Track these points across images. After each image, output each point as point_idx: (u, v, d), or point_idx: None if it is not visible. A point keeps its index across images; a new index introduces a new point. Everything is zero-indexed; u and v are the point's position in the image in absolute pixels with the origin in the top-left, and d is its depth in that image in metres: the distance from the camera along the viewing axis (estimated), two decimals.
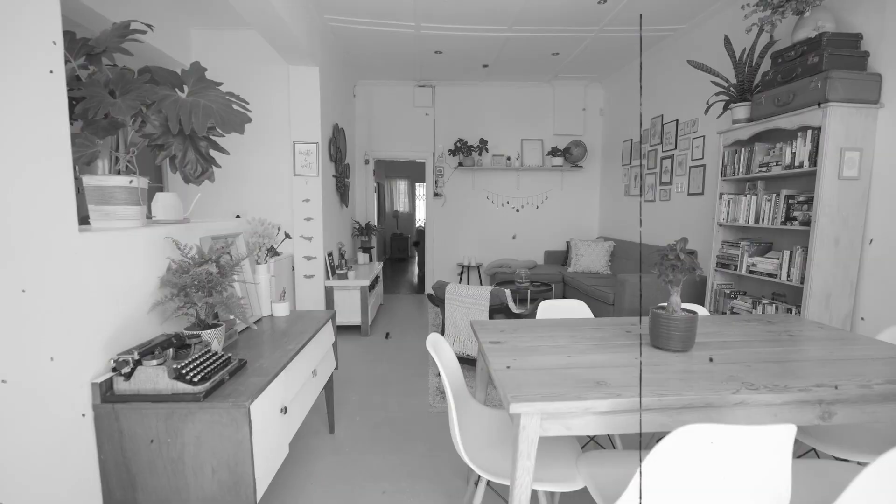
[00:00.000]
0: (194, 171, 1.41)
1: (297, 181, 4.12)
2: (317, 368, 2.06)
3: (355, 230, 6.04)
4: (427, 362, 3.70)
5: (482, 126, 6.54)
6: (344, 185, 5.18)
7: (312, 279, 4.30)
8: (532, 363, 1.41)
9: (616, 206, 6.17)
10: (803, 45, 2.73)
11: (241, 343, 1.82)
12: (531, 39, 4.63)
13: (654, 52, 4.98)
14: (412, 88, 6.40)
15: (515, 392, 1.18)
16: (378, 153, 6.54)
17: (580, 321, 1.95)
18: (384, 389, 3.17)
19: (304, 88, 4.02)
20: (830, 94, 2.53)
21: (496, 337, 1.69)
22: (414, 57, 5.20)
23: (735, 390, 1.20)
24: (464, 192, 6.68)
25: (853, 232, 2.67)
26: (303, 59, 3.81)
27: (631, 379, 1.28)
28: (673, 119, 4.69)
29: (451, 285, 3.04)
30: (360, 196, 6.51)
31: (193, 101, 1.34)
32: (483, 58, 5.23)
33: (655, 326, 1.58)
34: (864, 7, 2.67)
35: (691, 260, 1.48)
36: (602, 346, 1.58)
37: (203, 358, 1.41)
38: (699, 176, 4.26)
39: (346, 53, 5.07)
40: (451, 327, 3.07)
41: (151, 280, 1.51)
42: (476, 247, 6.79)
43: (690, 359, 1.47)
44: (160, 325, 1.53)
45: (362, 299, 4.47)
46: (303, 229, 4.19)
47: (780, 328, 1.86)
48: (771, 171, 3.01)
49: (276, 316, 2.28)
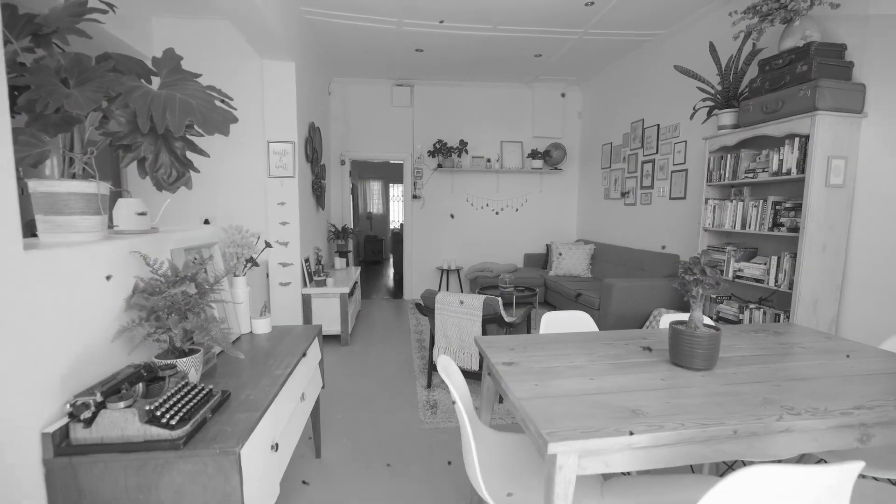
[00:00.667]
0: (168, 176, 1.21)
1: (271, 183, 3.87)
2: (305, 392, 1.88)
3: (331, 234, 5.80)
4: (414, 372, 3.54)
5: (462, 127, 6.43)
6: (320, 187, 4.94)
7: (289, 287, 4.06)
8: (555, 389, 1.29)
9: (595, 209, 6.20)
10: (791, 53, 2.75)
11: (221, 368, 1.61)
12: (515, 40, 4.55)
13: (635, 57, 5.01)
14: (390, 87, 6.21)
15: (549, 427, 1.06)
16: (354, 153, 6.32)
17: (588, 336, 1.86)
18: (370, 405, 2.99)
19: (278, 84, 3.78)
20: (819, 103, 2.55)
21: (507, 357, 1.57)
22: (394, 54, 5.02)
23: (778, 416, 1.12)
24: (443, 195, 6.55)
25: (839, 238, 2.72)
26: (278, 52, 3.58)
27: (666, 406, 1.18)
28: (654, 123, 4.73)
29: (441, 294, 2.90)
30: (335, 198, 6.26)
31: (168, 94, 1.14)
32: (465, 57, 5.11)
33: (677, 343, 1.49)
34: (847, 19, 2.72)
35: (716, 274, 1.41)
36: (622, 367, 1.49)
37: (180, 393, 1.21)
38: (681, 180, 4.29)
39: (321, 48, 4.84)
40: (442, 338, 2.93)
41: (116, 303, 1.30)
42: (456, 250, 6.67)
43: (716, 378, 1.39)
44: (127, 356, 1.32)
45: (342, 307, 4.26)
46: (278, 234, 3.94)
47: (790, 339, 1.82)
48: (758, 178, 3.04)
49: (257, 333, 2.07)
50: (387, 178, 12.14)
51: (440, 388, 3.21)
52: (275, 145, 3.83)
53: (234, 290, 1.98)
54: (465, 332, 2.85)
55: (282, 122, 3.82)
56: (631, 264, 4.88)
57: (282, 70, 3.76)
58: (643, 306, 4.09)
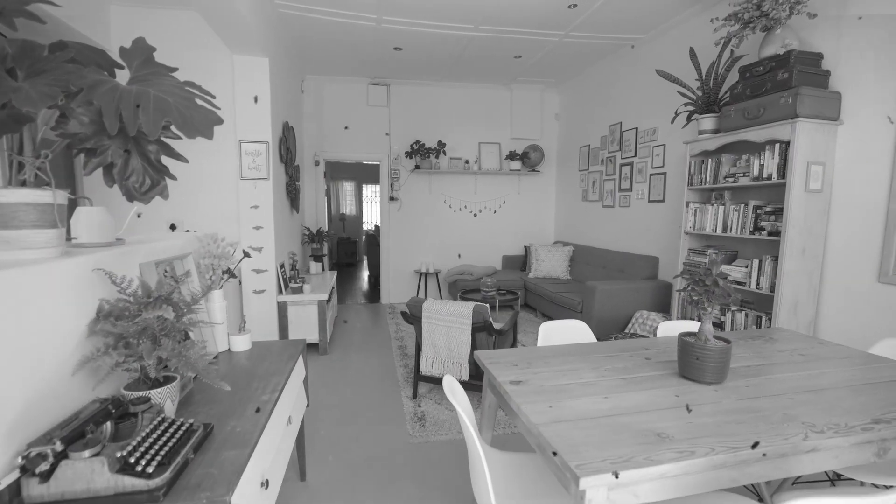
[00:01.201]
0: (141, 185, 1.06)
1: (244, 185, 3.66)
2: (291, 415, 1.73)
3: (305, 237, 5.58)
4: (397, 382, 3.42)
5: (439, 128, 6.34)
6: (295, 189, 4.73)
7: (263, 294, 3.85)
8: (571, 411, 1.22)
9: (573, 211, 6.24)
10: (771, 61, 2.80)
11: (199, 394, 1.46)
12: (496, 40, 4.49)
13: (614, 60, 5.06)
14: (366, 86, 6.04)
15: (576, 458, 0.98)
16: (329, 154, 6.11)
17: (590, 348, 1.80)
18: (354, 418, 2.86)
19: (251, 81, 3.57)
20: (800, 110, 2.61)
21: (513, 374, 1.49)
22: (371, 52, 4.87)
23: (804, 436, 1.09)
24: (421, 196, 6.43)
25: (817, 241, 2.79)
26: (251, 47, 3.37)
27: (689, 427, 1.12)
28: (632, 127, 4.78)
29: (429, 302, 2.80)
30: (309, 200, 6.04)
31: (140, 90, 0.99)
32: (444, 57, 5.02)
33: (686, 356, 1.45)
34: (822, 29, 2.80)
35: (727, 285, 1.37)
36: (633, 382, 1.43)
37: (157, 432, 1.06)
38: (660, 183, 4.35)
39: (295, 44, 4.63)
40: (430, 348, 2.83)
41: (77, 329, 1.13)
42: (434, 253, 6.57)
43: (728, 393, 1.35)
44: (91, 390, 1.15)
45: (320, 315, 4.08)
46: (252, 239, 3.73)
47: (787, 346, 1.83)
48: (738, 182, 3.09)
49: (236, 351, 1.91)
50: (360, 179, 11.90)
51: (427, 398, 3.10)
52: (247, 145, 3.62)
53: (210, 306, 1.81)
54: (453, 342, 2.75)
55: (255, 121, 3.61)
56: (611, 266, 4.92)
57: (255, 66, 3.55)
58: (625, 308, 4.12)
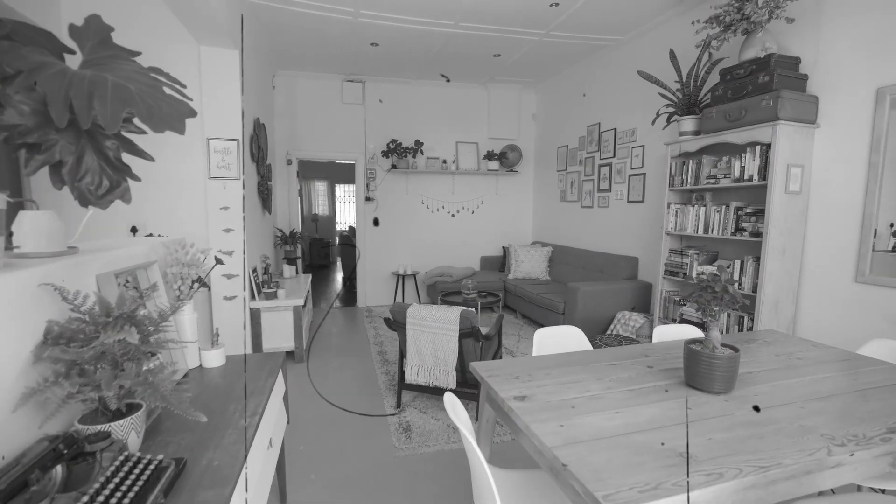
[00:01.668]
0: (97, 187, 0.90)
1: (212, 185, 3.43)
2: (273, 437, 1.59)
3: (278, 239, 5.34)
4: (380, 390, 3.28)
5: (416, 127, 6.21)
6: (267, 189, 4.51)
7: (234, 301, 3.63)
8: (584, 429, 1.14)
9: (551, 211, 6.24)
10: (752, 64, 2.83)
11: (168, 421, 1.29)
12: (475, 38, 4.41)
13: (592, 61, 5.07)
14: (340, 82, 5.85)
15: (602, 488, 0.89)
16: (302, 153, 5.88)
17: (589, 356, 1.73)
18: (336, 430, 2.71)
19: (219, 75, 3.34)
20: (781, 113, 2.64)
21: (516, 388, 1.40)
22: (347, 47, 4.70)
23: (827, 450, 1.04)
24: (397, 197, 6.29)
25: (796, 242, 2.84)
26: (220, 38, 3.16)
27: (710, 444, 1.06)
28: (611, 128, 4.80)
29: (414, 307, 2.68)
30: (282, 200, 5.79)
31: (96, 76, 0.84)
32: (422, 54, 4.90)
33: (693, 365, 1.40)
34: (799, 33, 2.85)
35: (736, 291, 1.33)
36: (641, 393, 1.37)
37: (119, 475, 0.91)
38: (639, 184, 4.38)
39: (265, 37, 4.41)
40: (415, 356, 2.71)
41: (19, 356, 0.96)
42: (411, 254, 6.44)
43: (739, 403, 1.31)
44: (38, 427, 0.98)
45: (295, 321, 3.89)
46: (221, 242, 3.50)
47: (783, 349, 1.82)
48: (719, 184, 3.12)
49: (209, 368, 1.74)
50: (333, 178, 11.63)
51: (411, 407, 2.98)
52: (216, 143, 3.39)
53: (179, 320, 1.64)
54: (440, 349, 2.65)
55: (224, 117, 3.39)
56: (590, 267, 4.93)
57: (224, 59, 3.33)
58: (607, 309, 4.13)
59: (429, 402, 3.04)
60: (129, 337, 0.93)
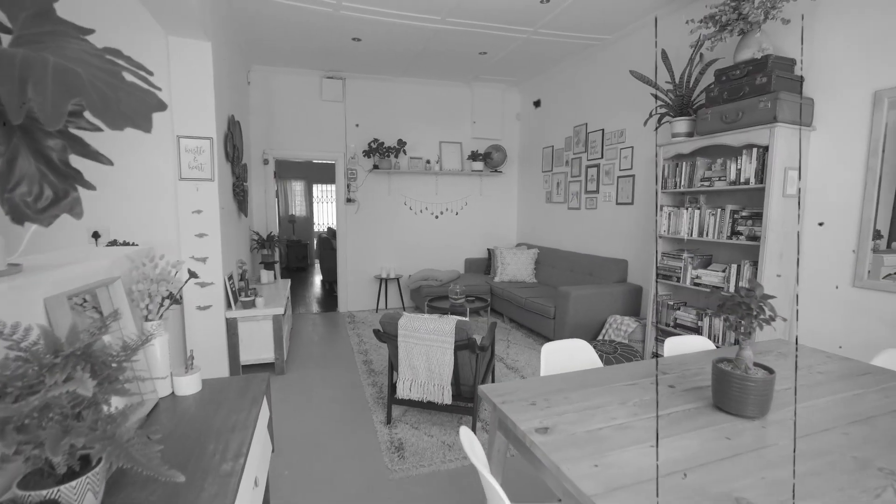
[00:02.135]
0: (35, 198, 0.71)
1: (184, 187, 3.17)
2: (258, 475, 1.40)
3: (255, 242, 5.07)
4: (367, 404, 3.10)
5: (398, 126, 6.03)
6: (243, 190, 4.25)
7: (209, 311, 3.37)
8: (622, 469, 1.01)
9: (536, 213, 6.17)
10: (748, 65, 2.79)
11: (133, 470, 1.10)
12: (462, 34, 4.27)
13: (579, 61, 5.00)
14: (319, 79, 5.61)
15: None
16: (279, 152, 5.62)
17: (603, 375, 1.61)
18: (322, 451, 2.52)
19: (191, 68, 3.09)
20: (779, 115, 2.60)
21: (534, 417, 1.26)
22: (327, 42, 4.48)
23: (893, 489, 0.94)
24: (379, 198, 6.10)
25: (792, 246, 2.81)
26: (191, 29, 2.91)
27: (763, 484, 0.95)
28: (598, 128, 4.75)
29: (406, 318, 2.52)
30: (258, 202, 5.51)
31: (31, 56, 0.65)
32: (406, 50, 4.73)
33: (723, 387, 1.29)
34: (794, 35, 2.82)
35: (772, 308, 1.23)
36: (671, 420, 1.25)
37: None
38: (628, 186, 4.33)
39: (240, 29, 4.15)
40: (408, 370, 2.55)
41: None
42: (394, 257, 6.25)
43: (777, 429, 1.21)
44: None
45: (275, 331, 3.66)
46: (194, 249, 3.25)
47: (802, 362, 1.75)
48: (714, 186, 3.08)
49: (182, 395, 1.54)
50: (310, 178, 11.29)
51: (402, 422, 2.82)
52: (187, 141, 3.14)
53: (148, 349, 1.43)
54: (434, 362, 2.50)
55: (196, 113, 3.14)
56: (579, 270, 4.86)
57: (195, 51, 3.08)
58: (598, 313, 4.06)
59: (420, 417, 2.88)
60: (80, 388, 0.75)
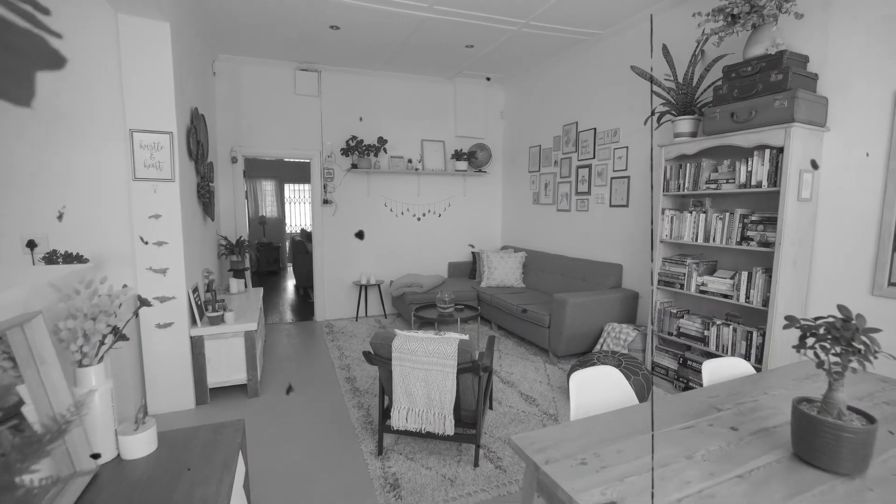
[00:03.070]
0: None
1: (139, 188, 2.77)
2: None
3: (223, 248, 4.64)
4: (354, 431, 2.79)
5: (378, 123, 5.70)
6: (208, 192, 3.84)
7: (170, 329, 2.98)
8: None
9: (522, 215, 5.96)
10: (761, 60, 2.64)
11: None
12: (449, 24, 4.00)
13: (568, 56, 4.82)
14: (293, 71, 5.21)
15: None
16: (249, 149, 5.18)
17: (659, 417, 1.38)
18: (306, 490, 2.20)
19: (146, 51, 2.69)
20: (797, 115, 2.45)
21: (596, 487, 1.00)
22: (302, 30, 4.11)
23: None
24: (358, 199, 5.75)
25: (805, 252, 2.69)
26: (145, 6, 2.52)
27: None
28: (590, 127, 4.57)
29: (400, 338, 2.23)
30: (226, 204, 5.07)
31: None
32: (388, 41, 4.41)
33: (809, 435, 1.08)
34: (806, 29, 2.69)
35: (875, 342, 1.01)
36: (755, 482, 1.02)
37: None
38: (623, 187, 4.17)
39: (203, 13, 3.74)
40: (403, 397, 2.25)
41: None
42: (374, 262, 5.92)
43: (886, 491, 1.00)
44: None
45: (248, 349, 3.29)
46: (152, 259, 2.85)
47: (856, 390, 1.56)
48: (721, 189, 2.92)
49: (130, 459, 1.21)
50: (281, 178, 10.76)
51: (395, 453, 2.53)
52: (142, 136, 2.74)
53: (80, 400, 1.09)
54: (434, 388, 2.21)
55: (153, 104, 2.74)
56: (570, 274, 4.68)
57: (152, 32, 2.68)
58: (595, 322, 3.87)
59: (415, 445, 2.60)
60: None
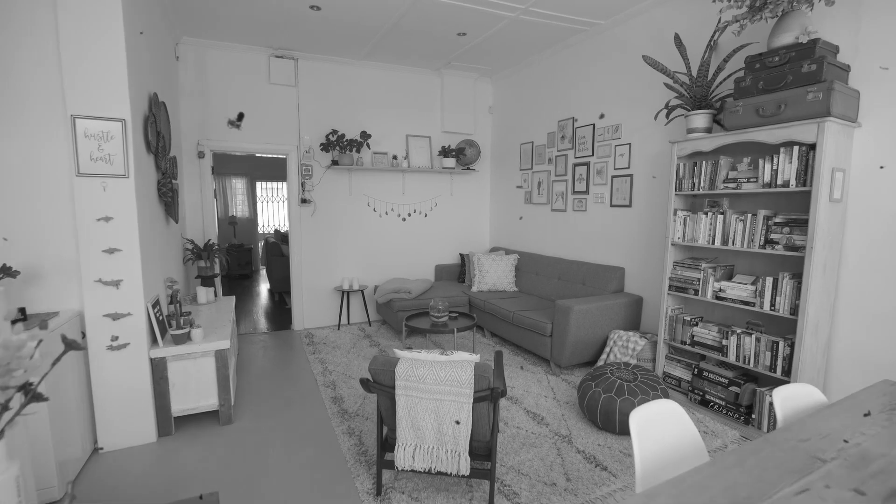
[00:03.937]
0: None
1: (84, 186, 2.32)
2: None
3: (189, 253, 4.17)
4: (345, 463, 2.44)
5: (360, 116, 5.31)
6: (171, 190, 3.38)
7: (124, 351, 2.54)
8: None
9: (513, 214, 5.70)
10: (790, 50, 2.44)
11: None
12: (443, 8, 3.67)
13: (563, 48, 4.57)
14: (267, 58, 4.77)
15: None
16: (217, 143, 4.70)
17: (751, 477, 1.11)
18: None
19: (89, 21, 2.25)
20: (833, 108, 2.26)
21: None
22: (278, 9, 3.70)
23: None
24: (339, 198, 5.35)
25: (834, 256, 2.51)
26: None
27: None
28: (588, 123, 4.34)
29: (404, 363, 1.90)
30: (192, 203, 4.58)
31: None
32: (373, 25, 4.05)
33: None
34: (835, 17, 2.51)
35: None
36: None
37: None
38: (625, 186, 3.95)
39: None
40: (409, 432, 1.92)
41: None
42: (357, 265, 5.53)
43: None
44: None
45: (219, 370, 2.88)
46: (102, 270, 2.41)
47: None
48: (742, 189, 2.72)
49: None
50: (252, 175, 10.16)
51: (396, 491, 2.19)
52: (87, 123, 2.30)
53: None
54: (445, 420, 1.90)
55: (100, 86, 2.30)
56: (568, 278, 4.44)
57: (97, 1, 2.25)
58: (600, 329, 3.64)
59: (419, 482, 2.27)
60: None
